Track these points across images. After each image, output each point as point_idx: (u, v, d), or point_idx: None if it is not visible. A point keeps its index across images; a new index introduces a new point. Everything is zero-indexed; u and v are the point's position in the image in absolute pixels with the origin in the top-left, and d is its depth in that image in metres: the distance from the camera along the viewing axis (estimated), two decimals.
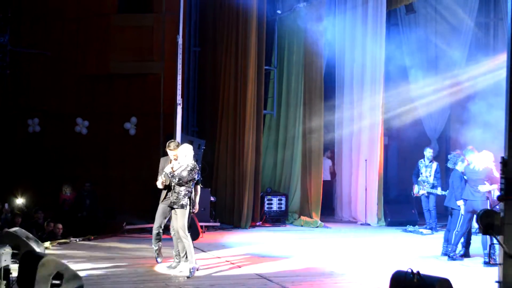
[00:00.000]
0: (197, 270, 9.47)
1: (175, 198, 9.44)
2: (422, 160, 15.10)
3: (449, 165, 11.85)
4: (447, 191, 12.06)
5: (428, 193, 14.78)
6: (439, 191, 14.55)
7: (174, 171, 9.43)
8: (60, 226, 13.17)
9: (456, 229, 11.22)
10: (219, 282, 9.18)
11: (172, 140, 10.61)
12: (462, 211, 11.18)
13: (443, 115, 18.31)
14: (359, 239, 14.10)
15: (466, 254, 11.53)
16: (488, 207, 10.49)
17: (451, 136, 18.68)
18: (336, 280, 9.51)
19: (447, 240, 11.52)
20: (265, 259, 11.14)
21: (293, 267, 10.50)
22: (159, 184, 9.95)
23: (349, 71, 17.42)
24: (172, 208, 9.54)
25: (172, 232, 9.88)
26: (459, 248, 11.42)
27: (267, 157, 17.77)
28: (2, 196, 15.11)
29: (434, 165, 14.92)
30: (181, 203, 9.37)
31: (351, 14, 17.19)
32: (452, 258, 11.15)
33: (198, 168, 9.67)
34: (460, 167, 11.43)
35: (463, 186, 11.20)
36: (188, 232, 9.56)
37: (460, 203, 11.14)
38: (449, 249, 11.30)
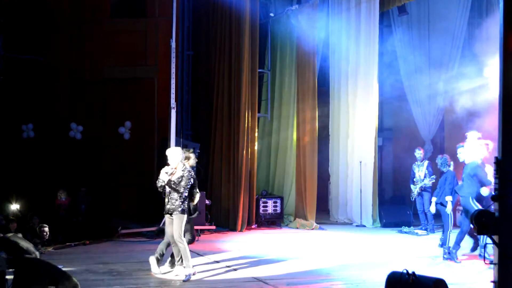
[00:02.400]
0: (193, 274, 9.46)
1: (172, 204, 9.44)
2: (415, 162, 15.20)
3: (443, 168, 11.90)
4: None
5: (422, 189, 14.83)
6: (427, 180, 14.70)
7: (171, 178, 9.46)
8: (46, 229, 13.11)
9: (449, 230, 11.24)
10: (215, 285, 9.17)
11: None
12: (448, 209, 11.21)
13: (437, 115, 18.37)
14: (355, 240, 14.12)
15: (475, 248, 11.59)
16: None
17: (445, 137, 18.74)
18: (332, 281, 9.52)
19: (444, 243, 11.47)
20: (261, 262, 11.14)
21: (289, 269, 10.50)
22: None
23: (343, 73, 17.45)
24: (170, 214, 9.53)
25: (170, 238, 9.83)
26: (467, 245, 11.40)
27: (262, 159, 17.78)
28: None
29: (425, 163, 15.03)
30: (179, 208, 9.36)
31: (344, 16, 17.22)
32: (451, 257, 11.10)
33: (192, 173, 9.69)
34: (452, 167, 11.54)
35: (455, 184, 11.27)
36: (184, 237, 9.56)
37: (449, 198, 11.20)
38: (445, 250, 11.27)
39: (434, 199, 11.56)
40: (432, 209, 11.72)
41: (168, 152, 9.86)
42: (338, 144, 17.72)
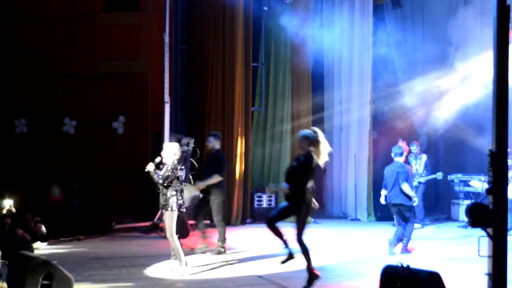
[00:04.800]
0: (187, 270, 9.42)
1: (164, 200, 9.42)
2: (410, 155, 15.21)
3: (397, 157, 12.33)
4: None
5: (419, 183, 14.88)
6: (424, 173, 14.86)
7: (157, 170, 9.42)
8: (40, 225, 13.08)
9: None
10: (209, 279, 9.16)
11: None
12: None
13: (432, 108, 18.32)
14: (350, 234, 14.13)
15: None
16: None
17: (440, 130, 18.71)
18: (327, 275, 9.51)
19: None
20: (255, 256, 11.14)
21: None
22: None
23: (337, 67, 17.46)
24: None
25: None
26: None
27: (256, 153, 17.75)
28: None
29: (424, 157, 15.05)
30: (169, 205, 9.34)
31: (338, 9, 17.21)
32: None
33: (180, 166, 9.59)
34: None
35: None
36: (177, 234, 9.51)
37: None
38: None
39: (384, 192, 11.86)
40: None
41: (164, 145, 9.93)
42: (332, 138, 17.71)
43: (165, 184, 9.33)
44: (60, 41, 17.80)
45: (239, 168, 15.72)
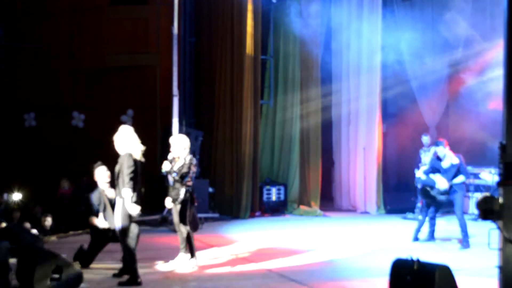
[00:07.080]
0: (197, 264, 9.42)
1: (175, 194, 9.42)
2: (422, 148, 15.20)
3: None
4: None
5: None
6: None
7: (172, 167, 9.43)
8: (49, 218, 13.10)
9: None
10: (219, 273, 9.16)
11: None
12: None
13: (441, 101, 18.24)
14: (359, 227, 14.09)
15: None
16: None
17: (450, 123, 18.64)
18: (336, 268, 9.50)
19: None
20: (265, 250, 11.12)
21: (292, 256, 10.47)
22: None
23: (345, 59, 17.38)
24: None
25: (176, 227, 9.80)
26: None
27: (265, 147, 17.72)
28: None
29: (433, 149, 14.97)
30: (180, 198, 9.33)
31: (346, 1, 17.11)
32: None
33: (195, 161, 9.63)
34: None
35: None
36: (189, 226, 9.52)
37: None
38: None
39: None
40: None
41: (172, 139, 9.89)
42: (341, 131, 17.67)
43: (182, 182, 9.36)
44: (68, 35, 17.81)
45: (248, 161, 15.69)
